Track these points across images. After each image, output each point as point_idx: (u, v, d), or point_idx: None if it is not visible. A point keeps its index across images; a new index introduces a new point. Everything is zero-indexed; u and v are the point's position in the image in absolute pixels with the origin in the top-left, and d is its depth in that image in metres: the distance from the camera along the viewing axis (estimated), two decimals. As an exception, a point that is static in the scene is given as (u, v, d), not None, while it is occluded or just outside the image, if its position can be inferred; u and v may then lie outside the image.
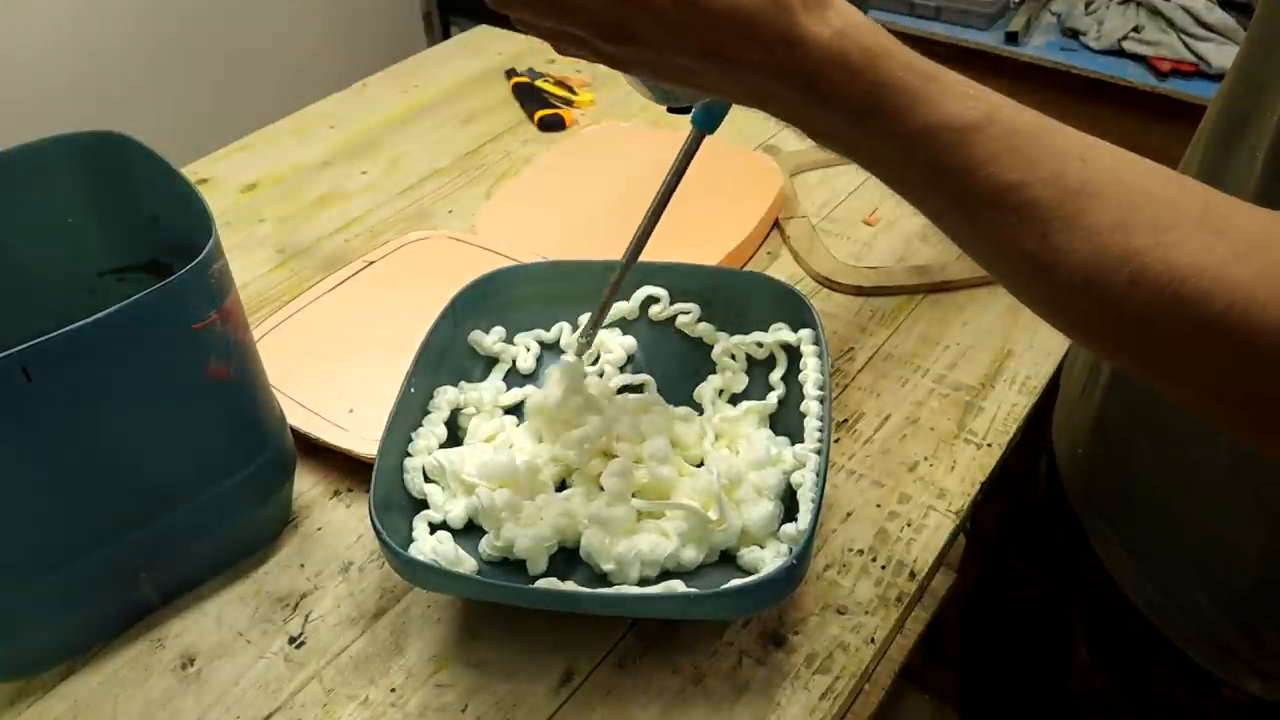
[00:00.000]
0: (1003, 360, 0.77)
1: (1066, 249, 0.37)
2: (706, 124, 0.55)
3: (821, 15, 0.39)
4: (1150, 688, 0.63)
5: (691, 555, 0.59)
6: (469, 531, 0.62)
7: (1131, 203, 0.37)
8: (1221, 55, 1.51)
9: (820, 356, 0.65)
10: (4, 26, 1.75)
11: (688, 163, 0.57)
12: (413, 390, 0.64)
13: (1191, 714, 0.61)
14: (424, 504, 0.62)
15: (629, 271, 0.72)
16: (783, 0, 0.38)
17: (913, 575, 0.62)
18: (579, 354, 0.67)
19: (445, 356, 0.68)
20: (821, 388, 0.64)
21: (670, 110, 0.54)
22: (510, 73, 1.18)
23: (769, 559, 0.59)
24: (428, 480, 0.63)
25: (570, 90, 1.14)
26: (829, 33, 0.38)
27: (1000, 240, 0.39)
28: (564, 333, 0.72)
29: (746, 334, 0.70)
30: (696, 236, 0.88)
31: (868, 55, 0.39)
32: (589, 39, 0.41)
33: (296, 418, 0.68)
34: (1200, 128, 0.58)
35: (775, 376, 0.69)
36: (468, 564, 0.59)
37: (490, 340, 0.71)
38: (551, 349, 0.72)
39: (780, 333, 0.69)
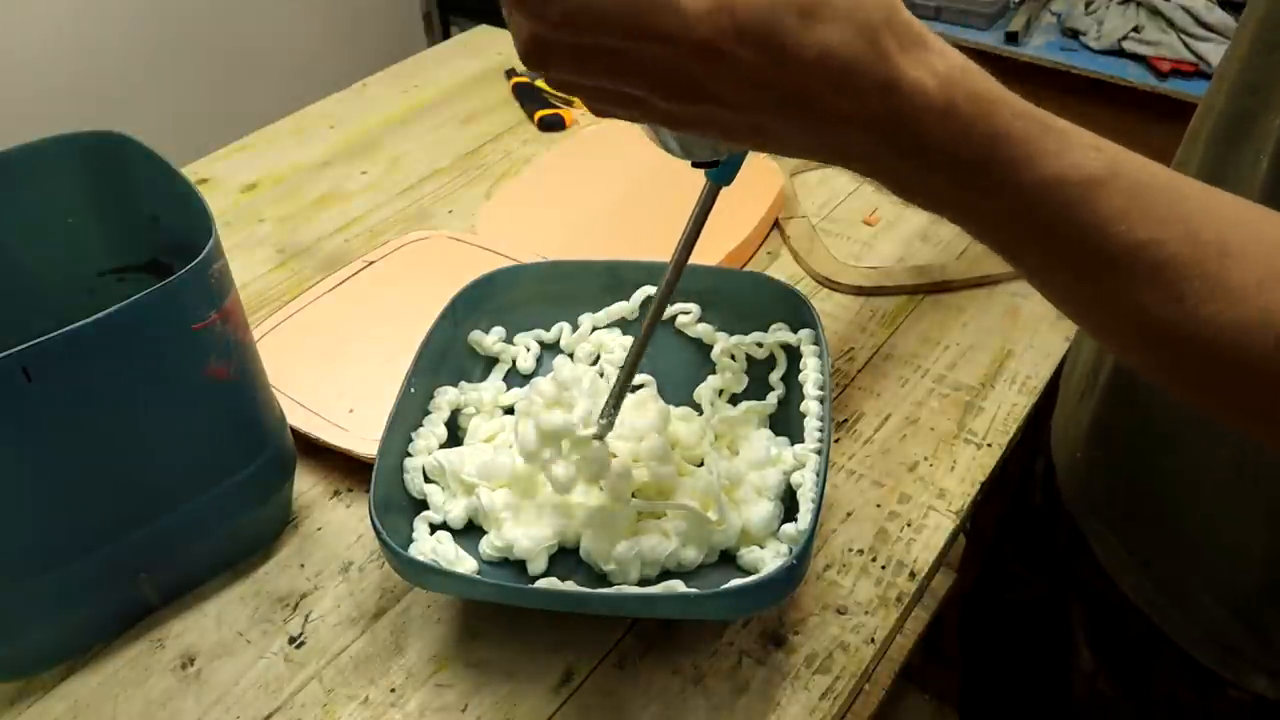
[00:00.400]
0: (1003, 360, 0.77)
1: (1207, 312, 0.34)
2: (724, 177, 0.50)
3: (922, 58, 0.34)
4: (1153, 688, 0.63)
5: (691, 555, 0.59)
6: (469, 531, 0.62)
7: (1272, 258, 0.34)
8: (1221, 55, 1.51)
9: (820, 356, 0.65)
10: (4, 26, 1.75)
11: (705, 218, 0.53)
12: (413, 390, 0.64)
13: (1196, 714, 0.61)
14: (424, 504, 0.63)
15: (630, 274, 0.72)
16: (879, 43, 0.33)
17: (913, 575, 0.62)
18: (600, 436, 0.61)
19: (445, 356, 0.68)
20: (821, 388, 0.63)
21: (694, 165, 0.49)
22: (510, 73, 1.19)
23: (769, 559, 0.59)
24: (428, 480, 0.63)
25: (570, 90, 1.14)
26: (933, 80, 0.34)
27: (1126, 304, 0.36)
28: (564, 333, 0.72)
29: (746, 334, 0.70)
30: (696, 236, 0.88)
31: (978, 103, 0.35)
32: (648, 98, 0.35)
33: (296, 418, 0.68)
34: (1193, 126, 0.57)
35: (775, 376, 0.69)
36: (468, 564, 0.59)
37: (490, 340, 0.71)
38: (551, 349, 0.72)
39: (780, 333, 0.69)
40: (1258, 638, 0.56)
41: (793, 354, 0.68)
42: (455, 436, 0.67)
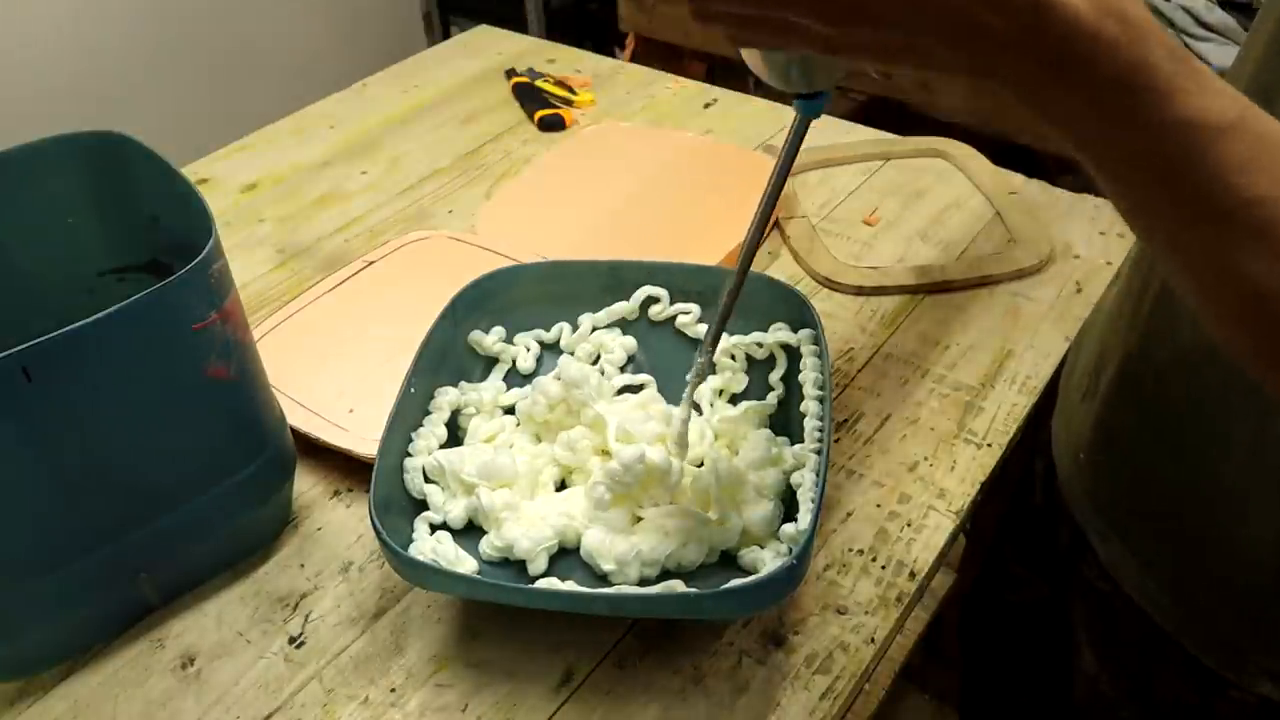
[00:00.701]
0: (1003, 360, 0.77)
1: None
2: (814, 110, 0.51)
3: None
4: (1155, 690, 0.63)
5: (691, 555, 0.59)
6: (469, 531, 0.62)
7: None
8: (1221, 55, 1.51)
9: (820, 356, 0.65)
10: (4, 26, 1.75)
11: (798, 149, 0.53)
12: (413, 390, 0.64)
13: (1198, 715, 0.61)
14: (424, 504, 0.62)
15: (630, 274, 0.72)
16: None
17: (913, 575, 0.62)
18: (701, 377, 0.62)
19: (445, 356, 0.68)
20: (821, 388, 0.64)
21: (795, 98, 0.50)
22: (510, 73, 1.18)
23: (769, 559, 0.59)
24: (428, 480, 0.63)
25: (570, 90, 1.14)
26: (1085, 3, 0.35)
27: (1228, 259, 0.36)
28: (564, 333, 0.72)
29: (746, 334, 0.70)
30: (696, 236, 0.88)
31: (1128, 31, 0.35)
32: (811, 25, 0.37)
33: (296, 418, 0.68)
34: None
35: (775, 376, 0.69)
36: (468, 564, 0.59)
37: (490, 340, 0.71)
38: (551, 349, 0.72)
39: (780, 333, 0.69)
40: (1262, 639, 0.56)
41: (793, 354, 0.68)
42: (455, 437, 0.67)
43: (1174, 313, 0.55)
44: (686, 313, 0.71)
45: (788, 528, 0.59)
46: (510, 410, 0.70)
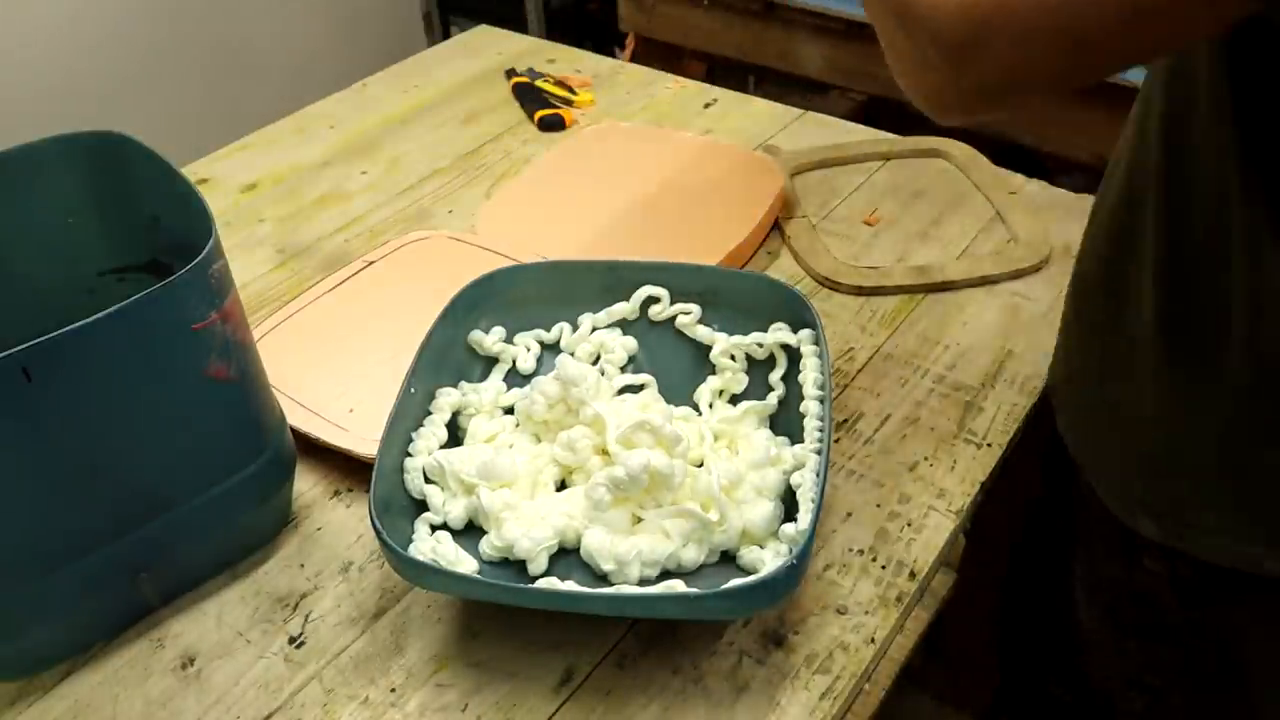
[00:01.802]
0: (1003, 360, 0.77)
1: None
2: None
3: None
4: (1097, 569, 0.69)
5: (691, 555, 0.59)
6: (469, 531, 0.62)
7: None
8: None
9: (820, 356, 0.65)
10: (4, 26, 1.75)
11: None
12: (413, 390, 0.64)
13: (1127, 592, 0.66)
14: (424, 504, 0.62)
15: (630, 274, 0.72)
16: None
17: (913, 575, 0.62)
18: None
19: (445, 356, 0.68)
20: (821, 388, 0.64)
21: None
22: (510, 73, 1.19)
23: (769, 559, 0.59)
24: (428, 481, 0.63)
25: (570, 90, 1.14)
26: None
27: None
28: (564, 333, 0.72)
29: (746, 334, 0.70)
30: (696, 236, 0.88)
31: None
32: None
33: (296, 418, 0.68)
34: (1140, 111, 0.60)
35: (775, 376, 0.69)
36: (468, 564, 0.59)
37: (490, 340, 0.71)
38: (551, 349, 0.72)
39: (780, 333, 0.69)
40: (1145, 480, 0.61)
41: (793, 354, 0.68)
42: (455, 437, 0.67)
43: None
44: (687, 313, 0.71)
45: (788, 528, 0.59)
46: (510, 410, 0.69)
